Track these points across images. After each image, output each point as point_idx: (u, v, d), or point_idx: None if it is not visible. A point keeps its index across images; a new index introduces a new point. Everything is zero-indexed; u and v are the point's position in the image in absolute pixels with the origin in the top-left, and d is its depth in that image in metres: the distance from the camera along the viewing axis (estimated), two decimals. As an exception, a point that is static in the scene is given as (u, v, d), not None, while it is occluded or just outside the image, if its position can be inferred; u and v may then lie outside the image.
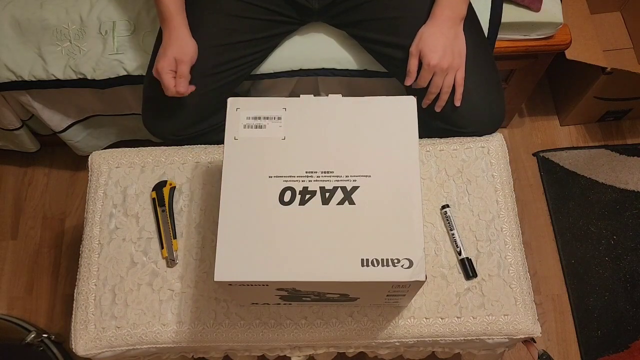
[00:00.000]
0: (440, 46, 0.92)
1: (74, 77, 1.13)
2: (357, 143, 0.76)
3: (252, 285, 0.71)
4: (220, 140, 0.91)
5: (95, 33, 1.13)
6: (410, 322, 0.90)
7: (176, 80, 0.93)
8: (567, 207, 1.47)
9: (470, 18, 1.03)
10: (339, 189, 0.73)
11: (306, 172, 0.74)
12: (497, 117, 1.02)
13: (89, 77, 1.13)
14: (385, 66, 1.07)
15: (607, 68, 1.32)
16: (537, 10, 1.12)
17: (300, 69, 1.12)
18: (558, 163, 1.52)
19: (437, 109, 0.98)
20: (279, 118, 0.77)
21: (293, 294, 0.79)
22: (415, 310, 0.90)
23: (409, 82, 0.97)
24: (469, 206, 0.96)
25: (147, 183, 0.98)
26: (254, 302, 0.87)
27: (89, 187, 0.99)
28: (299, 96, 0.79)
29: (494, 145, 1.00)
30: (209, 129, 1.08)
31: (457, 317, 0.89)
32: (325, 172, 0.74)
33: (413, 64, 0.95)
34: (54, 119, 1.28)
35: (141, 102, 1.06)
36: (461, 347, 0.95)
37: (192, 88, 0.96)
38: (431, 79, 0.95)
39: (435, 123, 1.03)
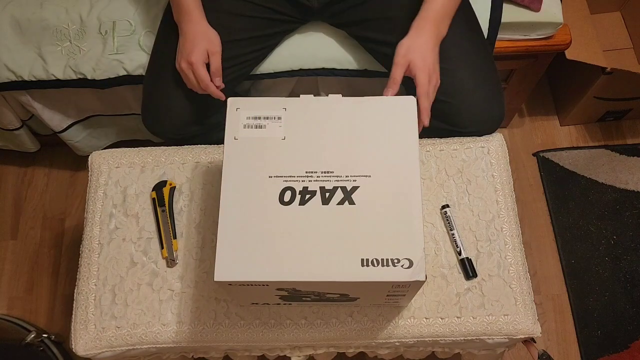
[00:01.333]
0: (431, 58, 0.89)
1: (74, 77, 1.13)
2: (357, 143, 0.76)
3: (252, 285, 0.71)
4: (220, 140, 0.91)
5: (95, 33, 1.13)
6: (410, 322, 0.90)
7: (212, 75, 0.95)
8: (567, 207, 1.47)
9: (470, 18, 1.03)
10: (339, 189, 0.73)
11: (306, 172, 0.74)
12: (497, 117, 1.02)
13: (89, 77, 1.13)
14: (385, 66, 1.07)
15: (607, 68, 1.32)
16: (537, 10, 1.12)
17: (300, 69, 1.12)
18: (558, 163, 1.52)
19: None
20: (279, 118, 0.77)
21: (293, 294, 0.79)
22: (415, 310, 0.90)
23: (391, 92, 0.88)
24: (469, 206, 0.96)
25: (147, 183, 0.98)
26: (254, 302, 0.87)
27: (89, 187, 0.99)
28: (299, 96, 0.79)
29: (494, 145, 1.00)
30: (209, 129, 1.08)
31: (457, 317, 0.89)
32: (325, 172, 0.74)
33: (399, 74, 0.88)
34: (54, 119, 1.28)
35: (141, 102, 1.06)
36: (461, 347, 0.95)
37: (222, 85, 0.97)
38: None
39: (435, 123, 1.03)
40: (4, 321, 1.35)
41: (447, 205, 0.95)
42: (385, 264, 0.69)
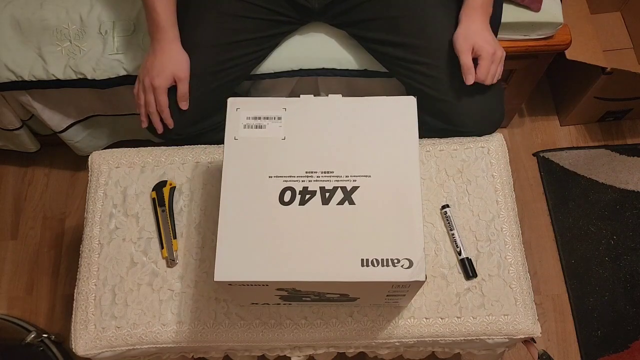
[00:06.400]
0: (490, 37, 0.94)
1: (74, 77, 1.13)
2: (357, 143, 0.76)
3: (252, 285, 0.71)
4: (220, 140, 0.91)
5: (95, 33, 1.13)
6: (410, 322, 0.90)
7: (178, 99, 0.97)
8: (567, 207, 1.47)
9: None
10: (339, 189, 0.73)
11: (306, 172, 0.74)
12: (496, 116, 1.02)
13: (89, 77, 1.13)
14: (386, 66, 1.07)
15: (607, 68, 1.32)
16: (537, 10, 1.12)
17: (301, 69, 1.12)
18: (558, 163, 1.52)
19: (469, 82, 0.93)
20: (279, 118, 0.77)
21: (293, 294, 0.79)
22: (415, 310, 0.90)
23: (471, 79, 0.92)
24: (469, 206, 0.96)
25: (147, 183, 0.98)
26: (254, 302, 0.87)
27: (89, 187, 0.99)
28: (299, 96, 0.79)
29: (494, 145, 1.00)
30: (209, 129, 1.08)
31: (457, 317, 0.89)
32: (325, 172, 0.74)
33: (469, 60, 0.92)
34: (54, 119, 1.28)
35: (141, 102, 1.06)
36: (461, 347, 0.95)
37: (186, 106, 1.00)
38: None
39: (435, 123, 1.03)
40: (4, 321, 1.35)
41: (447, 205, 0.95)
42: (385, 264, 0.69)
